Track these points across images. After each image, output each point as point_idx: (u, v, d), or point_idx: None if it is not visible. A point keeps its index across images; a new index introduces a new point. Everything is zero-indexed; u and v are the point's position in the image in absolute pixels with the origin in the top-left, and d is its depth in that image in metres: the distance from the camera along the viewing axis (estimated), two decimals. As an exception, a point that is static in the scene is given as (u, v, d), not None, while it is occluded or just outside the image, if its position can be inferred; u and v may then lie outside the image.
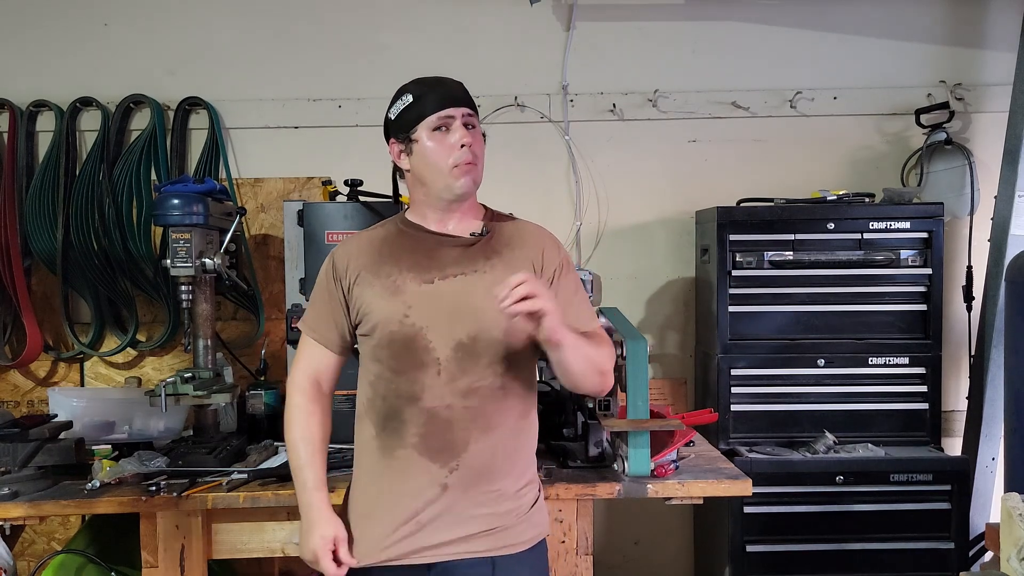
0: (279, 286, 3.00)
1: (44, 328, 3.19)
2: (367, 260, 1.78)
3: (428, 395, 1.70)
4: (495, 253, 1.76)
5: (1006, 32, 3.23)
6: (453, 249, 1.76)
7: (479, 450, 1.70)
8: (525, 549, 1.76)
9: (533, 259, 1.77)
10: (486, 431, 1.71)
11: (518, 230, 1.83)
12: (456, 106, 1.74)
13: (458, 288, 1.72)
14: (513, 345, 1.72)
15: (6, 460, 2.30)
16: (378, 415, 1.74)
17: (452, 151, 1.72)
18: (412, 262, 1.75)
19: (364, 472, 1.78)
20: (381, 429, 1.73)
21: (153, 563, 2.22)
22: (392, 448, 1.72)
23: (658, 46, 3.30)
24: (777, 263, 2.92)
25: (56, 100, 3.17)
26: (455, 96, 1.76)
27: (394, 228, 1.83)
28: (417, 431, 1.70)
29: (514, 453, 1.77)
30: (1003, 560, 1.81)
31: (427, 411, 1.70)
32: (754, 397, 2.94)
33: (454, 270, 1.73)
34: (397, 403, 1.72)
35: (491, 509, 1.72)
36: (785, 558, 2.81)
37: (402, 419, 1.71)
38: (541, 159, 3.29)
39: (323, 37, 3.27)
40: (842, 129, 3.31)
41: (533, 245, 1.79)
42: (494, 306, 1.58)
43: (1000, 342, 2.94)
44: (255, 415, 2.76)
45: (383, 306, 1.72)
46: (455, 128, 1.73)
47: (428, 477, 1.70)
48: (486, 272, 1.73)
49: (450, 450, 1.70)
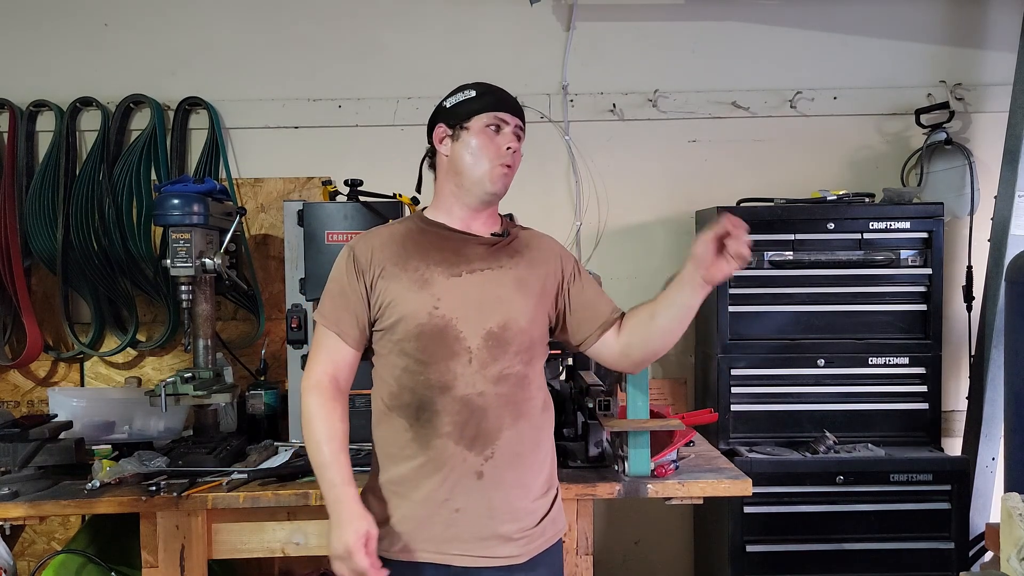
0: (279, 286, 3.00)
1: (44, 328, 3.19)
2: (391, 253, 1.79)
3: (461, 383, 1.72)
4: (517, 253, 1.85)
5: (1006, 32, 3.23)
6: (478, 247, 1.82)
7: (511, 437, 1.74)
8: (545, 549, 1.79)
9: (551, 260, 1.87)
10: (517, 418, 1.75)
11: (535, 237, 1.92)
12: (513, 114, 1.83)
13: (486, 280, 1.78)
14: (535, 335, 1.79)
15: (6, 460, 2.30)
16: (408, 408, 1.74)
17: (498, 150, 1.80)
18: (440, 257, 1.78)
19: (395, 466, 1.76)
20: (415, 420, 1.73)
21: (153, 563, 2.22)
22: (428, 439, 1.72)
23: (658, 46, 3.31)
24: (777, 263, 2.92)
25: (56, 100, 3.17)
26: (514, 105, 1.85)
27: (415, 225, 1.86)
28: (451, 420, 1.72)
29: (540, 444, 1.81)
30: (1003, 560, 1.81)
31: (460, 399, 1.72)
32: (754, 397, 2.94)
33: (480, 265, 1.79)
34: (428, 394, 1.73)
35: (524, 505, 1.76)
36: (785, 558, 2.81)
37: (435, 409, 1.72)
38: (541, 159, 3.29)
39: (323, 37, 3.27)
40: (842, 129, 3.31)
41: (550, 249, 1.90)
42: (518, 298, 1.76)
43: (1000, 342, 2.94)
44: (255, 415, 2.76)
45: (412, 299, 1.74)
46: (506, 132, 1.82)
47: (465, 466, 1.72)
48: (511, 268, 1.81)
49: (484, 437, 1.72)
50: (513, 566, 1.74)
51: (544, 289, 1.83)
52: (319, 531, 2.28)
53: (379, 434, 1.80)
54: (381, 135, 3.24)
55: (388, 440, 1.78)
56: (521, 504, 1.76)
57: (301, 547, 2.29)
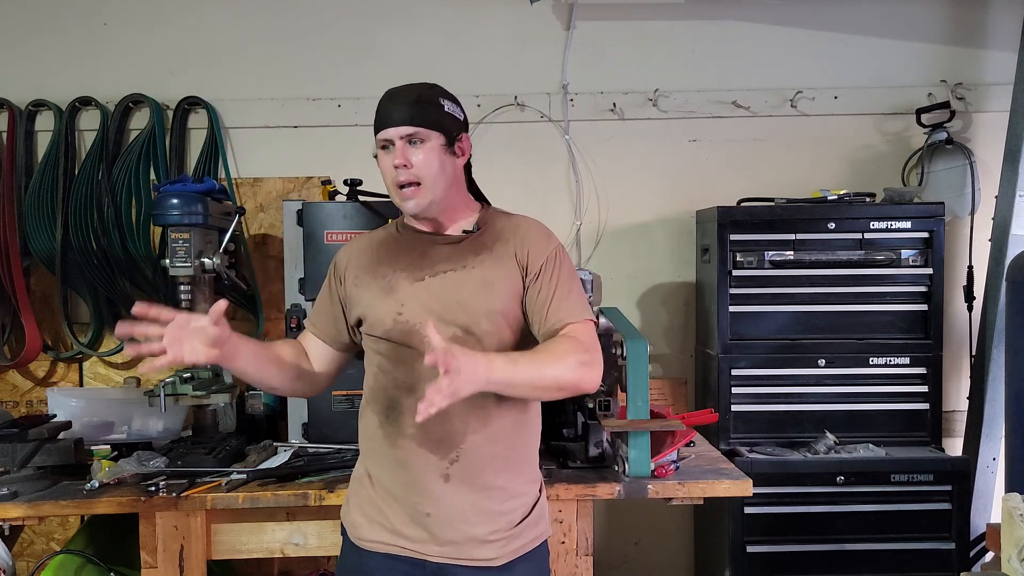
0: (278, 286, 2.99)
1: (43, 328, 3.18)
2: (364, 261, 1.83)
3: (424, 385, 1.69)
4: (484, 248, 1.78)
5: (1007, 32, 3.23)
6: (444, 247, 1.80)
7: (478, 442, 1.72)
8: (526, 552, 1.77)
9: (518, 253, 1.77)
10: (485, 423, 1.73)
11: (510, 224, 1.83)
12: (394, 126, 1.73)
13: (447, 284, 1.75)
14: (505, 335, 1.75)
15: (5, 460, 2.29)
16: (380, 405, 1.78)
17: (390, 173, 1.75)
18: (407, 262, 1.79)
19: (372, 460, 1.80)
20: (385, 419, 1.77)
21: (152, 563, 2.22)
22: (395, 438, 1.75)
23: (658, 46, 3.30)
24: (778, 263, 2.92)
25: (55, 100, 3.17)
26: (395, 115, 1.74)
27: (393, 231, 1.89)
28: (414, 422, 1.70)
29: (516, 448, 1.78)
30: (1004, 560, 1.80)
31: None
32: (754, 397, 2.94)
33: (444, 267, 1.77)
34: (396, 394, 1.75)
35: (498, 508, 1.74)
36: (785, 558, 2.81)
37: (401, 410, 1.74)
38: (541, 159, 3.29)
39: (323, 37, 3.27)
40: (842, 129, 3.31)
41: (520, 239, 1.79)
42: (482, 299, 1.71)
43: (1001, 342, 2.94)
44: (254, 415, 2.75)
45: (379, 305, 1.77)
46: (394, 150, 1.74)
47: (430, 468, 1.72)
48: (475, 268, 1.76)
49: (448, 441, 1.71)
50: (490, 568, 1.73)
51: (513, 286, 1.75)
52: (318, 531, 2.28)
53: (359, 425, 1.85)
54: (381, 135, 3.23)
55: (364, 433, 1.83)
56: (494, 507, 1.74)
57: (300, 547, 2.29)
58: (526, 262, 1.77)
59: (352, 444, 2.47)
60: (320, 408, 2.58)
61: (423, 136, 1.73)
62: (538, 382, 1.65)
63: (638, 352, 2.20)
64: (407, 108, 1.74)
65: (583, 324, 1.74)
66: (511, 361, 1.64)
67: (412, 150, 1.73)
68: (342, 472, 2.30)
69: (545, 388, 1.67)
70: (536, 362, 1.67)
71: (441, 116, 1.76)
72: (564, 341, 1.70)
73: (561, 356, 1.67)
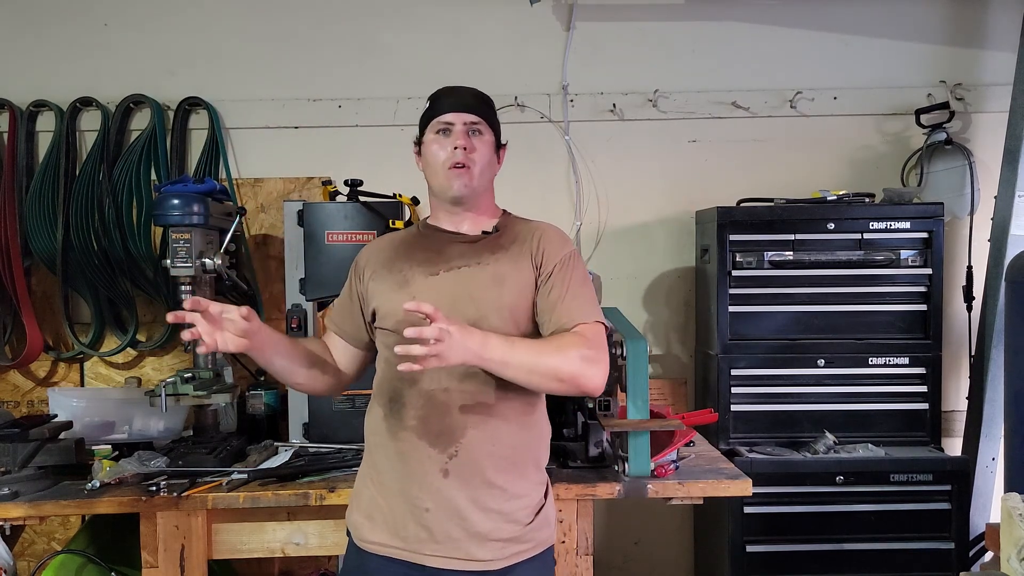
0: (279, 286, 2.99)
1: (44, 328, 3.18)
2: (383, 258, 1.89)
3: (426, 377, 1.73)
4: (501, 248, 1.83)
5: (1006, 32, 3.23)
6: (462, 245, 1.84)
7: (478, 438, 1.73)
8: (527, 558, 1.77)
9: (533, 253, 1.81)
10: (486, 419, 1.74)
11: (528, 228, 1.89)
12: (458, 112, 1.82)
13: (461, 278, 1.78)
14: (513, 333, 1.75)
15: (6, 460, 2.29)
16: (384, 397, 1.80)
17: (446, 153, 1.81)
18: (423, 258, 1.83)
19: (376, 454, 1.82)
20: (388, 411, 1.79)
21: (153, 563, 2.22)
22: (396, 430, 1.76)
23: (658, 46, 3.30)
24: (777, 263, 2.92)
25: (56, 100, 3.17)
26: (461, 103, 1.83)
27: (415, 230, 1.95)
28: (416, 414, 1.75)
29: (517, 449, 1.78)
30: (1003, 560, 1.80)
31: (424, 393, 1.74)
32: (754, 397, 2.94)
33: (459, 263, 1.81)
34: (399, 385, 1.77)
35: (497, 507, 1.74)
36: (785, 558, 2.81)
37: (403, 401, 1.76)
38: (541, 159, 3.29)
39: (323, 37, 3.27)
40: (842, 129, 3.31)
41: (537, 240, 1.83)
42: (492, 294, 1.75)
43: (1000, 342, 2.94)
44: (255, 415, 2.76)
45: (393, 297, 1.79)
46: (455, 132, 1.81)
47: (429, 462, 1.73)
48: (489, 264, 1.80)
49: (448, 435, 1.73)
50: (488, 572, 1.73)
51: (525, 284, 1.79)
52: (319, 531, 2.28)
53: (366, 420, 1.87)
54: (381, 135, 3.23)
55: (370, 426, 1.85)
56: (495, 506, 1.74)
57: (301, 547, 2.29)
58: (540, 261, 1.80)
59: (352, 444, 2.49)
60: (321, 408, 2.59)
61: (482, 129, 1.84)
62: (535, 368, 1.67)
63: (638, 352, 2.20)
64: (472, 99, 1.86)
65: (592, 325, 1.76)
66: (508, 342, 1.66)
67: (471, 139, 1.81)
68: (343, 472, 2.31)
69: (542, 375, 1.68)
70: (536, 348, 1.69)
71: (495, 120, 1.90)
72: (570, 336, 1.73)
73: (564, 348, 1.69)
